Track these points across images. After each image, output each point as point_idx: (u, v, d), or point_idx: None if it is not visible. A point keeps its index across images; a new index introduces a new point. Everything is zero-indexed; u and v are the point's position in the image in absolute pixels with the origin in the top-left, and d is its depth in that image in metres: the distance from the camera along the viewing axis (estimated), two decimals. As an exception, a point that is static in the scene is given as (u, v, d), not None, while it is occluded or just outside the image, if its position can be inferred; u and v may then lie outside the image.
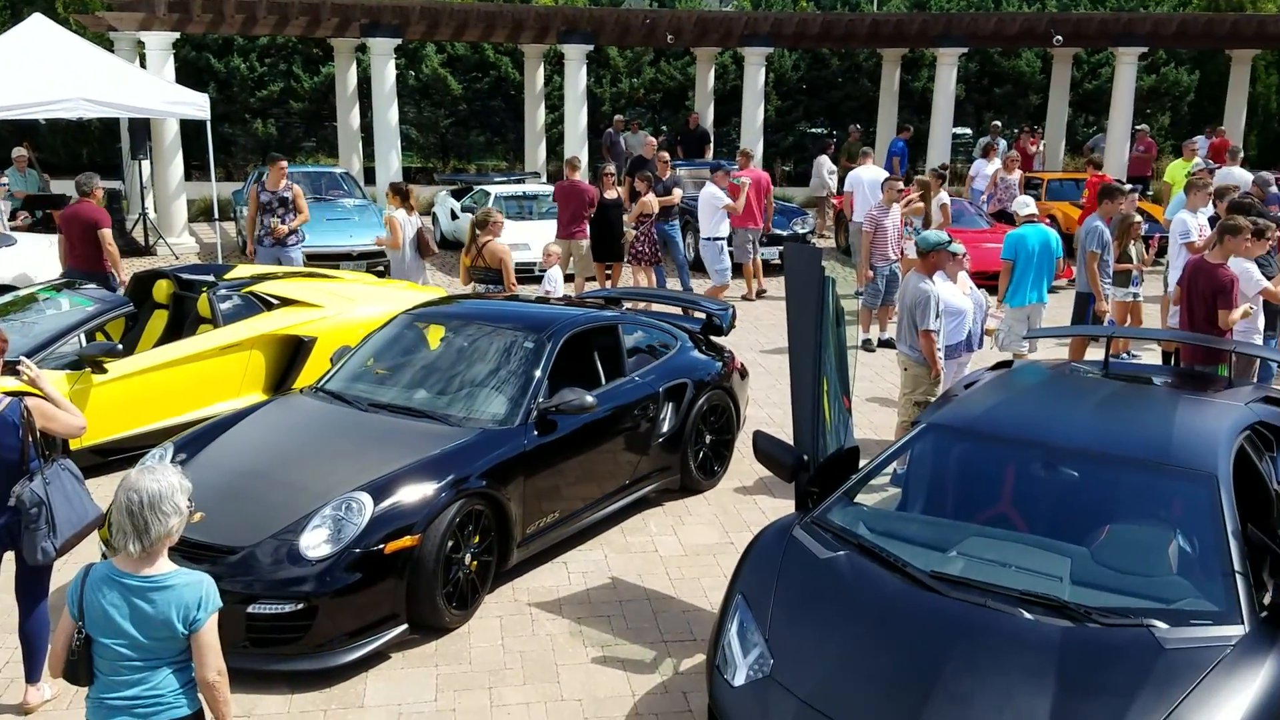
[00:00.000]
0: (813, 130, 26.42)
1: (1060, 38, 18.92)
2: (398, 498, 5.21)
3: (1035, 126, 21.47)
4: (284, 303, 8.42)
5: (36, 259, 11.06)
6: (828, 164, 18.11)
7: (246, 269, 9.36)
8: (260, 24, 16.73)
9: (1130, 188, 10.97)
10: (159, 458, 5.78)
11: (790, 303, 5.12)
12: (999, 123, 19.42)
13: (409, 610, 5.20)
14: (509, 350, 6.45)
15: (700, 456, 7.28)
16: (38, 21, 13.84)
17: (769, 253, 14.11)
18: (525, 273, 12.22)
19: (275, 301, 8.41)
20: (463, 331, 6.81)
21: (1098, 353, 8.81)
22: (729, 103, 23.13)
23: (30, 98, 12.33)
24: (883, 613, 4.09)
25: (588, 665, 5.19)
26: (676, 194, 12.98)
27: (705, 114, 20.58)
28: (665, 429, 6.97)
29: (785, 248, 5.60)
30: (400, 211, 10.50)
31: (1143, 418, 5.04)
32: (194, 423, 6.96)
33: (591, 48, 18.32)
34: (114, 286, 9.45)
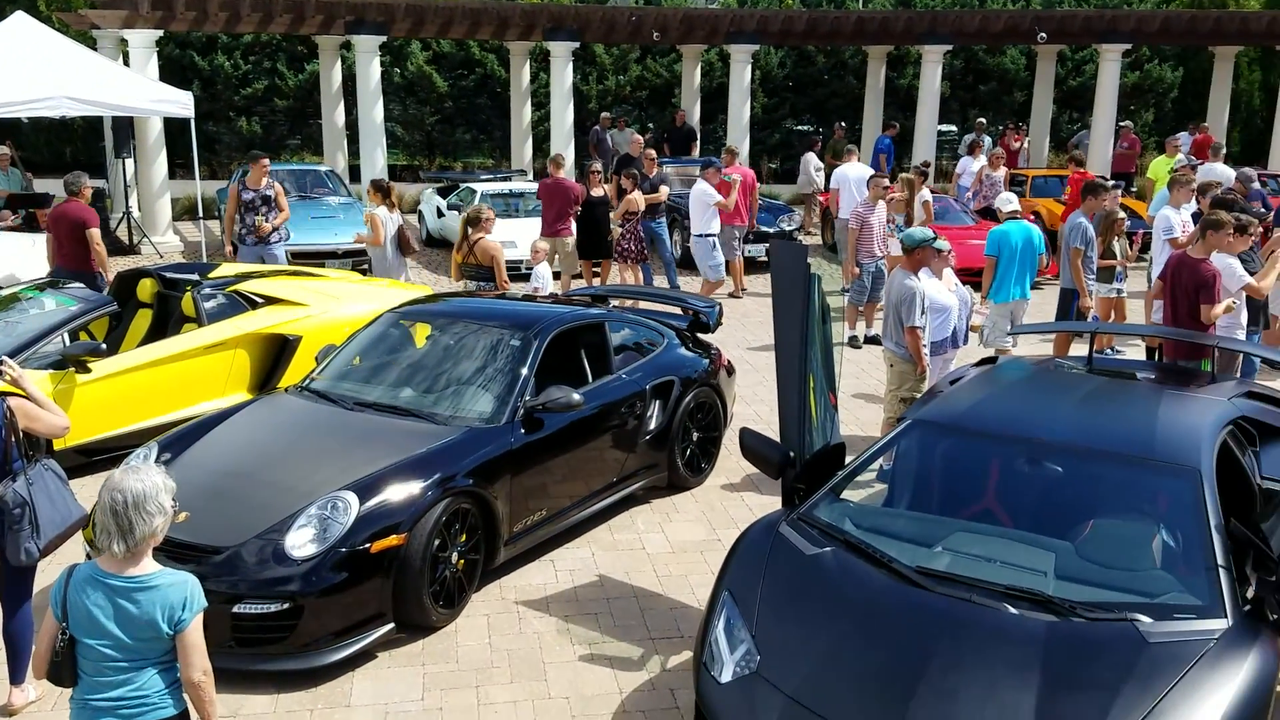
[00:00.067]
0: (799, 128, 26.45)
1: (1044, 35, 18.99)
2: (384, 497, 5.20)
3: (1020, 123, 21.54)
4: (268, 301, 8.39)
5: (20, 258, 10.99)
6: (815, 161, 18.14)
7: (231, 268, 9.32)
8: (244, 21, 16.66)
9: (1113, 184, 11.01)
10: (143, 457, 5.76)
11: (776, 300, 5.13)
12: (983, 120, 19.50)
13: (395, 609, 5.19)
14: (495, 348, 6.44)
15: (687, 454, 7.29)
16: (20, 19, 13.74)
17: (755, 250, 14.12)
18: (513, 270, 12.16)
19: (260, 300, 8.37)
20: (449, 329, 6.79)
21: (1082, 348, 8.86)
22: (715, 100, 23.14)
23: (13, 96, 12.25)
24: (869, 608, 4.10)
25: (575, 663, 5.19)
26: (663, 191, 12.99)
27: (692, 111, 20.60)
28: (652, 426, 6.97)
29: (771, 245, 5.60)
30: (381, 209, 10.47)
31: (1127, 413, 5.06)
32: (178, 422, 6.93)
33: (577, 45, 18.31)
34: (101, 286, 9.40)
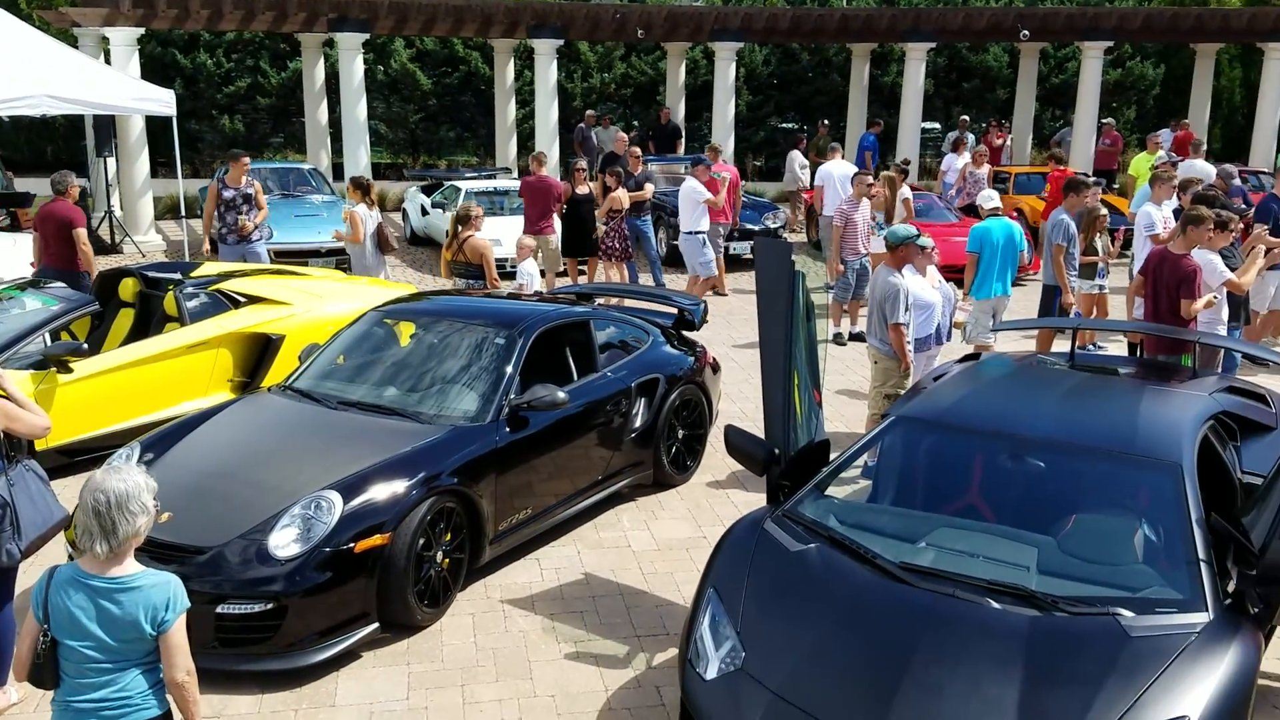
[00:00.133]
0: (784, 125, 26.49)
1: (1027, 32, 19.07)
2: (368, 496, 5.19)
3: (1002, 121, 21.64)
4: (251, 300, 8.35)
5: (1, 258, 10.91)
6: (800, 159, 18.17)
7: (213, 266, 9.27)
8: (226, 19, 16.57)
9: (1094, 181, 11.07)
10: (125, 458, 5.73)
11: (761, 297, 5.13)
12: (966, 117, 19.58)
13: (380, 609, 5.18)
14: (480, 346, 6.42)
15: (673, 451, 7.29)
16: (0, 18, 13.63)
17: (741, 247, 14.14)
18: (498, 267, 12.14)
19: (242, 299, 8.33)
20: (433, 328, 6.77)
21: (1065, 344, 8.90)
22: (700, 98, 23.14)
23: (-8, 95, 12.15)
24: (853, 604, 4.11)
25: (560, 661, 5.19)
26: (648, 189, 12.98)
27: (676, 109, 20.60)
28: (638, 424, 6.97)
29: (756, 242, 5.60)
30: (361, 206, 10.43)
31: (1108, 408, 5.09)
32: (161, 422, 6.90)
33: (561, 42, 18.28)
34: (87, 286, 9.35)
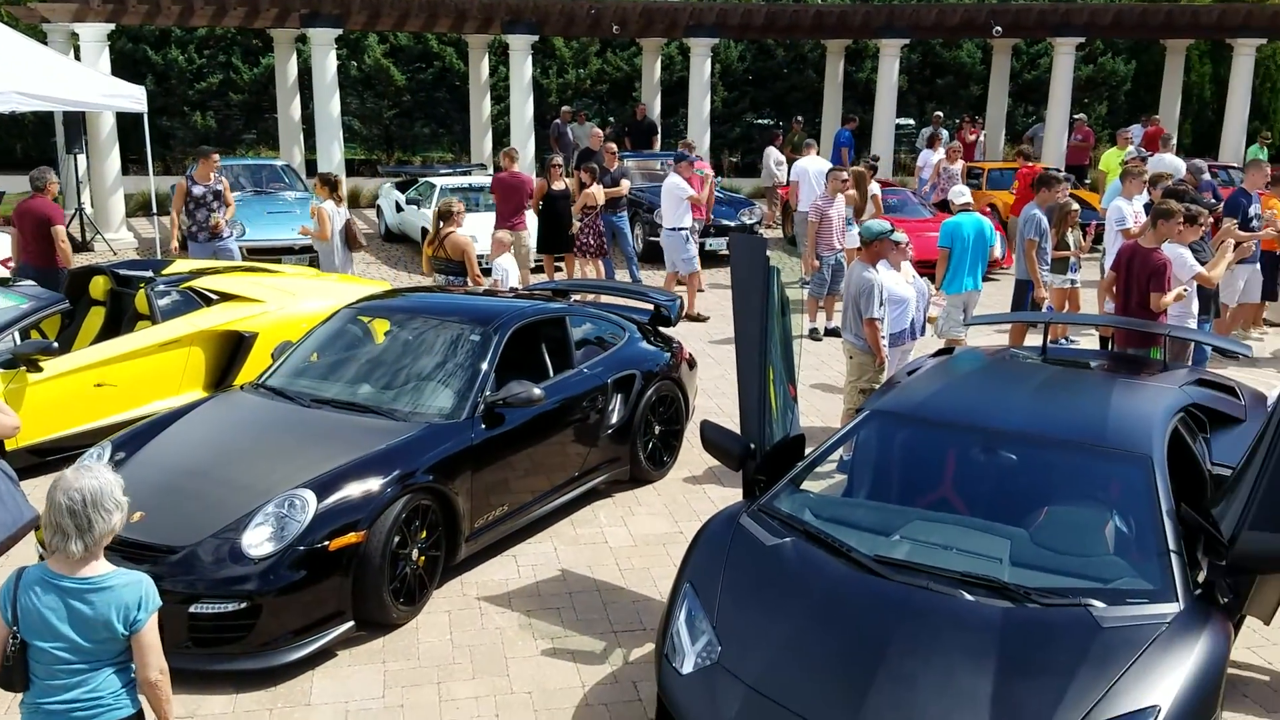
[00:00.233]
0: (759, 121, 26.53)
1: (999, 28, 19.19)
2: (342, 494, 5.16)
3: (976, 117, 21.75)
4: (224, 298, 8.29)
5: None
6: (775, 155, 18.20)
7: (185, 264, 9.20)
8: (197, 15, 16.42)
9: (1064, 176, 11.14)
10: (96, 457, 5.68)
11: (736, 293, 5.15)
12: (940, 113, 19.68)
13: (355, 607, 5.16)
14: (455, 343, 6.40)
15: (649, 447, 7.30)
16: (-33, 13, 13.50)
17: (716, 243, 14.15)
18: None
19: (215, 297, 8.27)
20: (407, 325, 6.74)
21: (1037, 338, 8.97)
22: (676, 94, 23.15)
23: (-39, 91, 12.00)
24: (828, 597, 4.13)
25: (537, 658, 5.19)
26: (624, 185, 12.96)
27: (652, 105, 20.58)
28: (614, 420, 6.96)
29: (731, 238, 5.62)
30: (329, 203, 10.35)
31: (1080, 401, 5.13)
32: (132, 421, 6.83)
33: (536, 38, 18.23)
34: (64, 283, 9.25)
